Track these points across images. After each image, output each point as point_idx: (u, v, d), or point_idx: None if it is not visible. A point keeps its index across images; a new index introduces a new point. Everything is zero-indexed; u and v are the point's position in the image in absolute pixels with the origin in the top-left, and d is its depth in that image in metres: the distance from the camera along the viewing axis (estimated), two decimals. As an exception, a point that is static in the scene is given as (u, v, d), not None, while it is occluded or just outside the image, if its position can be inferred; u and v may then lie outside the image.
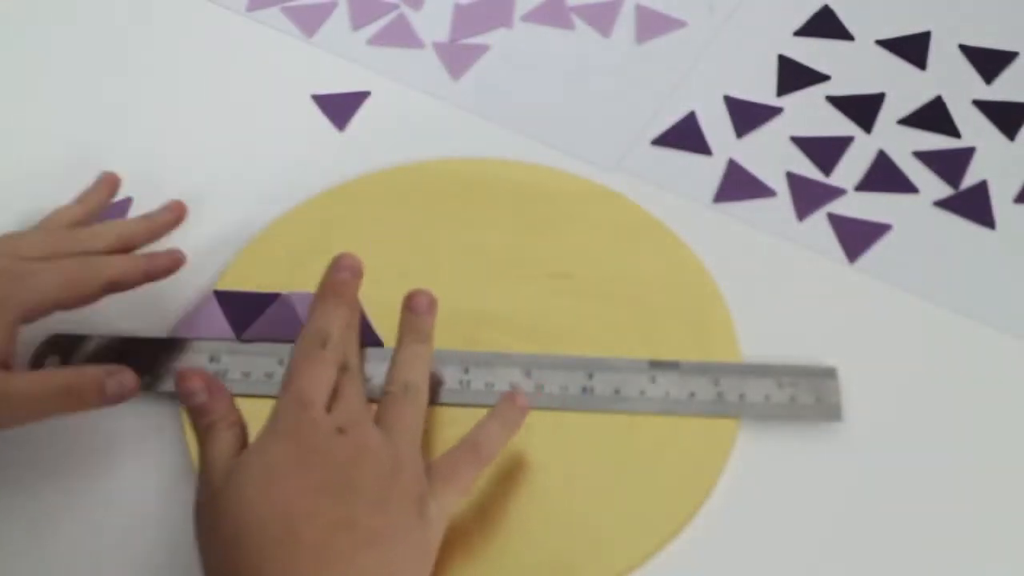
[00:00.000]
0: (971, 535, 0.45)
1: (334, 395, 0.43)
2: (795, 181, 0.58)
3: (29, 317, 0.45)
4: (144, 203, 0.57)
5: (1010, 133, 0.60)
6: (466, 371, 0.49)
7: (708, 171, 0.58)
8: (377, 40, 0.67)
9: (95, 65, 0.65)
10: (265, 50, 0.66)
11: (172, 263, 0.51)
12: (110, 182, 0.56)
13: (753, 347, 0.50)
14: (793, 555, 0.45)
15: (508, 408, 0.45)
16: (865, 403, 0.49)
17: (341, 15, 0.68)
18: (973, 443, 0.48)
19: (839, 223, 0.56)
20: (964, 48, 0.64)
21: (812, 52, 0.64)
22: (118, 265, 0.48)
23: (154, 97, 0.63)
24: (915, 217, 0.56)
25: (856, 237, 0.55)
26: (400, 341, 0.46)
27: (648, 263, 0.54)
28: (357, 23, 0.68)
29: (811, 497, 0.46)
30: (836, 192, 0.57)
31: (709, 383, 0.49)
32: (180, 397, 0.43)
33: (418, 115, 0.62)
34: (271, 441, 0.41)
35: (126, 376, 0.45)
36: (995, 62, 0.63)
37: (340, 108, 0.63)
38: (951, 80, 0.63)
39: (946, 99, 0.62)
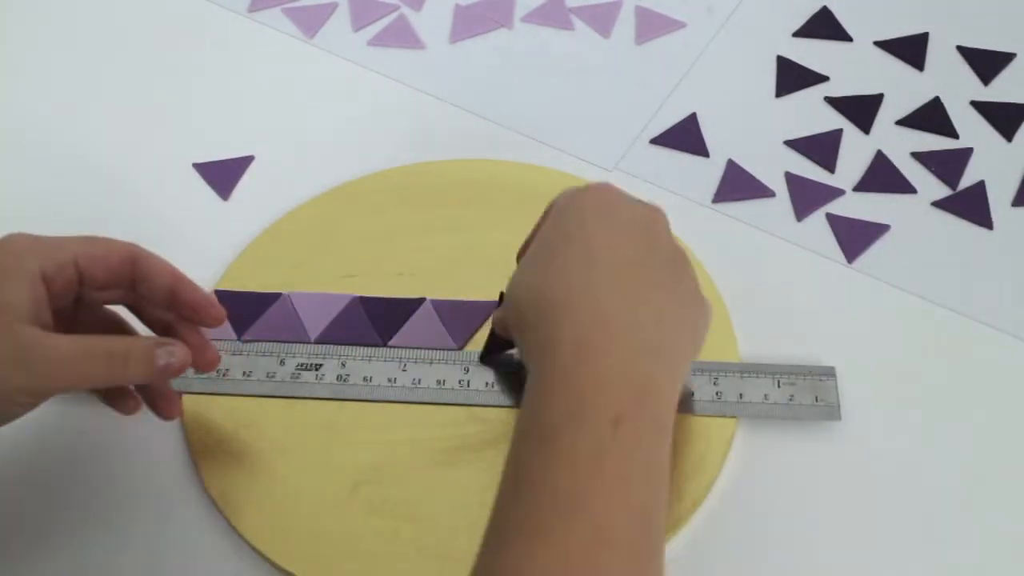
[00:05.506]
0: (969, 534, 0.45)
1: None
2: (794, 181, 0.58)
3: (52, 272, 0.41)
4: (145, 202, 0.58)
5: (1008, 134, 0.60)
6: (466, 371, 0.49)
7: (707, 171, 0.59)
8: (377, 41, 0.67)
9: (95, 65, 0.65)
10: (266, 51, 0.66)
11: (205, 349, 0.44)
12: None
13: (752, 347, 0.50)
14: (791, 554, 0.45)
15: None
16: (863, 403, 0.49)
17: (342, 16, 0.68)
18: (971, 442, 0.48)
19: (838, 223, 0.56)
20: (962, 49, 0.65)
21: (811, 53, 0.65)
22: (151, 255, 0.43)
23: (154, 97, 0.64)
24: (913, 217, 0.56)
25: (854, 237, 0.55)
26: None
27: (647, 263, 0.54)
28: (358, 24, 0.68)
29: (809, 496, 0.46)
30: (835, 192, 0.57)
31: (708, 382, 0.49)
32: None
33: (418, 115, 0.62)
34: (581, 192, 0.44)
35: (178, 348, 0.41)
36: (993, 63, 0.64)
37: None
38: (949, 81, 0.63)
39: (944, 100, 0.62)
